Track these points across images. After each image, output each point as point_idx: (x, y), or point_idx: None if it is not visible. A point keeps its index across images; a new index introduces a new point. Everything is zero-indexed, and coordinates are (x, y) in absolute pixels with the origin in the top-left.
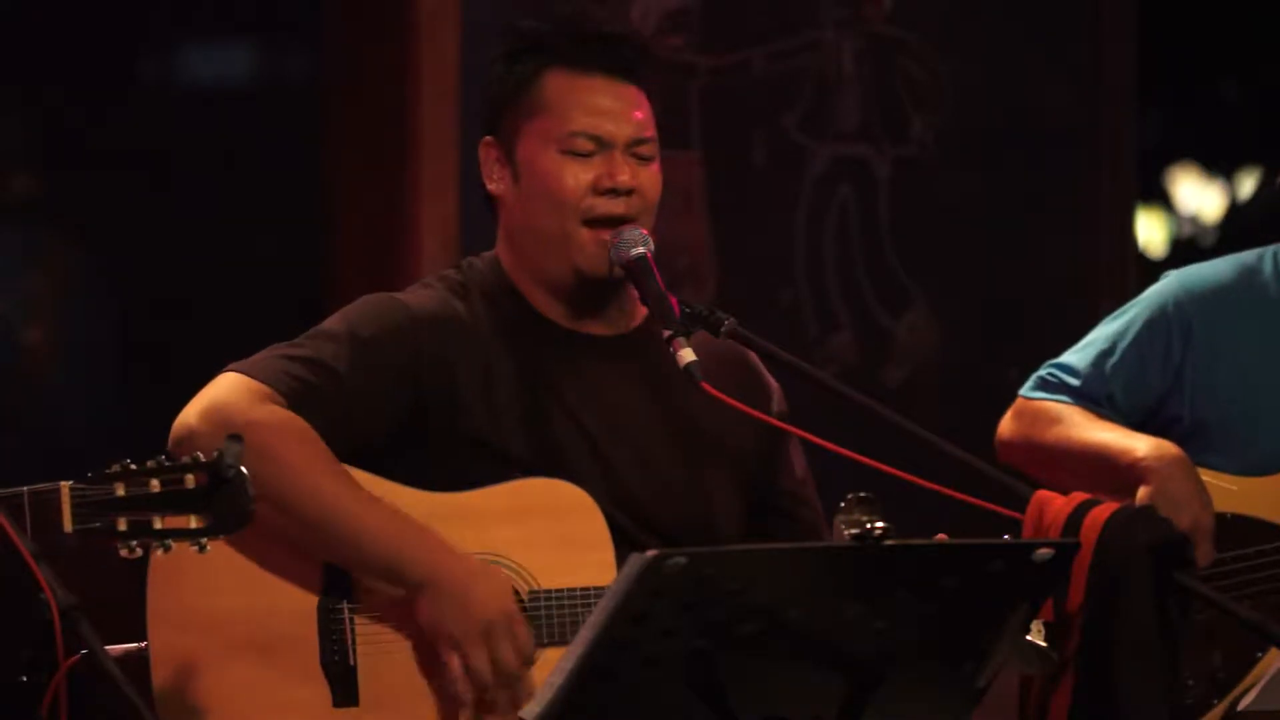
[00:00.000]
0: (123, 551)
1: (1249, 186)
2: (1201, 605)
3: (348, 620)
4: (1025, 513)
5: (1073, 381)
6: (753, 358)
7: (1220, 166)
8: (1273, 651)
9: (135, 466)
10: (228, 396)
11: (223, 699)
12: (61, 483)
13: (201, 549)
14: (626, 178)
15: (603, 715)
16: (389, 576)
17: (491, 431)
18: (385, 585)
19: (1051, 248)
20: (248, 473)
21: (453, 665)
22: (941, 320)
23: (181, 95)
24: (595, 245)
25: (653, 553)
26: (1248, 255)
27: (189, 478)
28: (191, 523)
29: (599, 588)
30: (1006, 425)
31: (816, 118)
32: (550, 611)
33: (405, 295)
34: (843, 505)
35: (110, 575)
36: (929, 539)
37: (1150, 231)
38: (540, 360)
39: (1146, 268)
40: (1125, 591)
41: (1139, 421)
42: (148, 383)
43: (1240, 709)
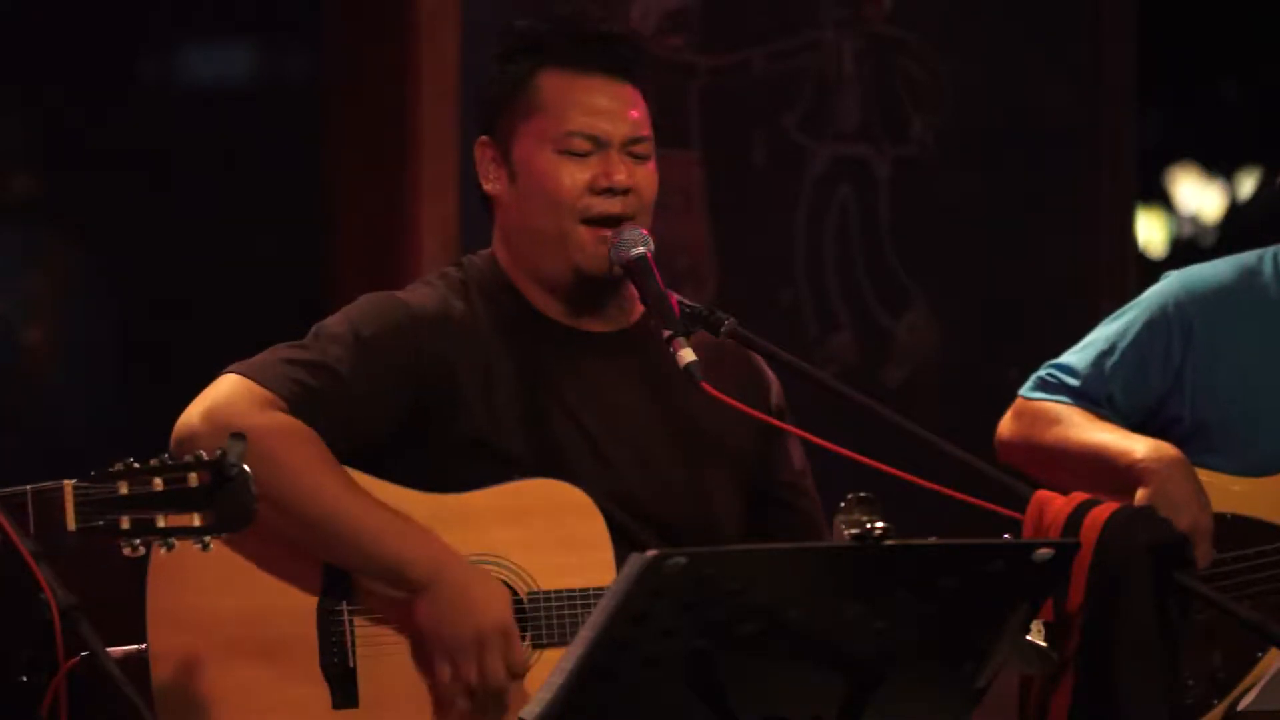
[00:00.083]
0: (125, 550)
1: (1249, 186)
2: (1201, 605)
3: (347, 622)
4: (1025, 513)
5: (1072, 382)
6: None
7: (1220, 166)
8: (1273, 652)
9: (138, 465)
10: (230, 400)
11: (222, 701)
12: (65, 481)
13: (205, 547)
14: (623, 177)
15: (603, 715)
16: (390, 578)
17: (491, 431)
18: (386, 587)
19: (1051, 248)
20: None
21: (442, 672)
22: (941, 320)
23: (181, 95)
24: (595, 243)
25: (653, 553)
26: (1248, 256)
27: (192, 476)
28: (195, 521)
29: (599, 588)
30: (1006, 425)
31: (816, 118)
32: (550, 612)
33: (406, 294)
34: (843, 505)
35: (110, 575)
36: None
37: (1150, 231)
38: (540, 359)
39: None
40: (1125, 591)
41: (1139, 422)
42: (148, 383)
43: (1240, 709)
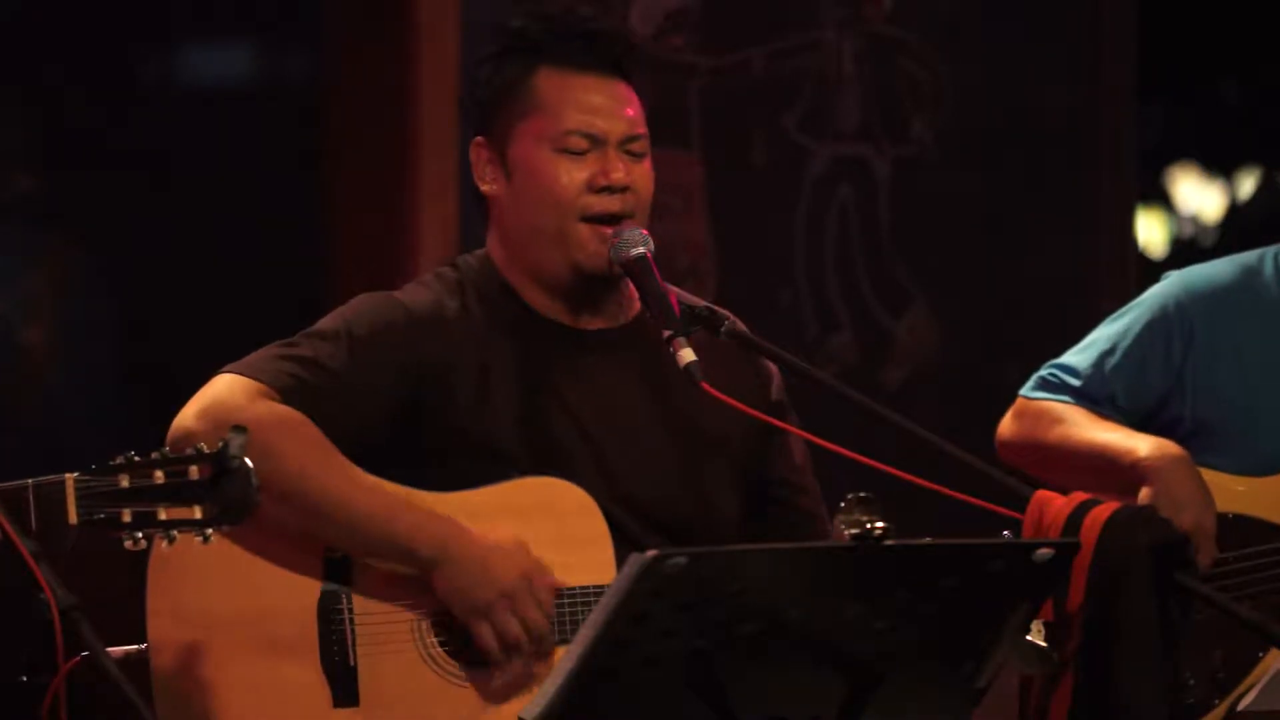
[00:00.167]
0: (127, 543)
1: (1249, 186)
2: (1202, 605)
3: (348, 620)
4: (1025, 513)
5: (1074, 382)
6: None
7: (1220, 166)
8: (1273, 652)
9: (139, 458)
10: (225, 395)
11: (222, 699)
12: (66, 475)
13: (206, 539)
14: (621, 175)
15: (603, 715)
16: (399, 556)
17: (490, 430)
18: (396, 565)
19: (1051, 248)
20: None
21: (482, 632)
22: (941, 320)
23: (181, 95)
24: (595, 241)
25: (653, 553)
26: (1248, 256)
27: (193, 469)
28: (196, 513)
29: (599, 587)
30: (1007, 425)
31: (816, 118)
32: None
33: (401, 294)
34: (843, 505)
35: (110, 575)
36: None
37: (1150, 231)
38: (538, 357)
39: (1146, 268)
40: (1125, 592)
41: (1140, 422)
42: (148, 383)
43: (1240, 709)
